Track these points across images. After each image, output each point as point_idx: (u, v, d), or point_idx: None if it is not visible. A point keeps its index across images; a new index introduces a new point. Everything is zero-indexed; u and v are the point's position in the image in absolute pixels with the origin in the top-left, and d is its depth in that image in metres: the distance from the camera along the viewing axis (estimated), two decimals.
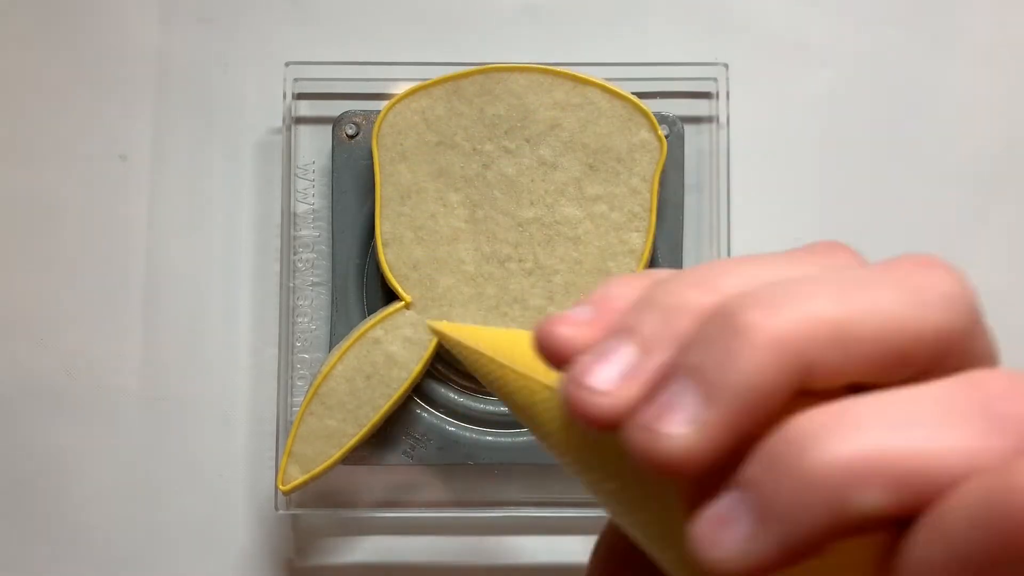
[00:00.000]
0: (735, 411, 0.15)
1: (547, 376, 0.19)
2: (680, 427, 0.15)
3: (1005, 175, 0.44)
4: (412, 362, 0.39)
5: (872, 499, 0.14)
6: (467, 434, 0.41)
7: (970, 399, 0.15)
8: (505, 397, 0.21)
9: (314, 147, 0.43)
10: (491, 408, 0.41)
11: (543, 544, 0.42)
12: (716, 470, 0.16)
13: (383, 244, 0.40)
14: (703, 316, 0.16)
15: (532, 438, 0.41)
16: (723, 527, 0.15)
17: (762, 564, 0.15)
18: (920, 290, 0.17)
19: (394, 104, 0.40)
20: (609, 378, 0.16)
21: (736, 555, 0.15)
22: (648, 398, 0.16)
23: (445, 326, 0.26)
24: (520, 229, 0.40)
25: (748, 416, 0.15)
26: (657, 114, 0.40)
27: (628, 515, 0.18)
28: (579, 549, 0.42)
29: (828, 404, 0.15)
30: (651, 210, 0.40)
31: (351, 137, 0.41)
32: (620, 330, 0.17)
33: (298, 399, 0.41)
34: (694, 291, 0.17)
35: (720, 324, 0.16)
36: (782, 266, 0.18)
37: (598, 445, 0.18)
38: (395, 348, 0.39)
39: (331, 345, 0.41)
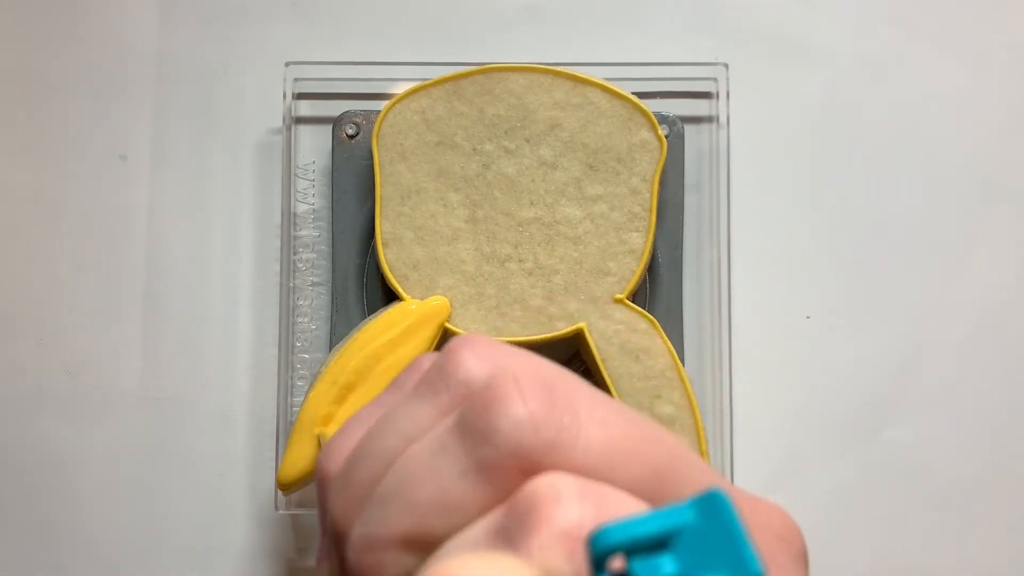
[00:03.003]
0: None
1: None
2: None
3: (1005, 175, 0.44)
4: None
5: None
6: None
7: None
8: None
9: (314, 147, 0.43)
10: None
11: None
12: None
13: (383, 244, 0.40)
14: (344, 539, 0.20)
15: None
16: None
17: None
18: (479, 451, 0.18)
19: (394, 104, 0.40)
20: None
21: None
22: None
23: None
24: (520, 229, 0.40)
25: None
26: (657, 114, 0.40)
27: None
28: None
29: None
30: (651, 210, 0.40)
31: (351, 137, 0.41)
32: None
33: (298, 399, 0.41)
34: (338, 513, 0.20)
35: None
36: (385, 435, 0.20)
37: None
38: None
39: (331, 345, 0.41)
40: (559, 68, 0.40)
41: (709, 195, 0.42)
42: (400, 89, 0.40)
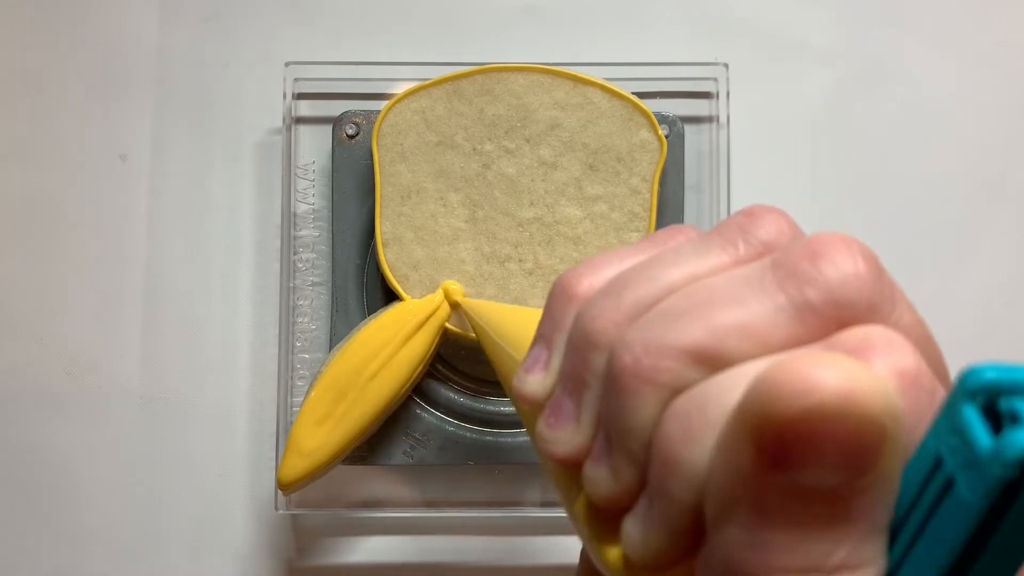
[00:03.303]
0: (632, 453, 0.19)
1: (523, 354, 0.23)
2: (603, 473, 0.20)
3: (1004, 174, 0.44)
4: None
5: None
6: (467, 434, 0.41)
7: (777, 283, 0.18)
8: (495, 366, 0.26)
9: (314, 147, 0.43)
10: (491, 408, 0.41)
11: (544, 544, 0.42)
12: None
13: (383, 244, 0.40)
14: (606, 348, 0.20)
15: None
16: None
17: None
18: (798, 291, 0.18)
19: (394, 104, 0.40)
20: (559, 439, 0.21)
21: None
22: (584, 447, 0.20)
23: (470, 303, 0.31)
24: (520, 229, 0.40)
25: (641, 445, 0.19)
26: (657, 114, 0.40)
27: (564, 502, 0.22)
28: (579, 549, 0.42)
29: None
30: (651, 210, 0.40)
31: (351, 137, 0.41)
32: (561, 383, 0.21)
33: (298, 399, 0.41)
34: (601, 321, 0.20)
35: (609, 379, 0.19)
36: (667, 265, 0.21)
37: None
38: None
39: (331, 345, 0.41)
40: (559, 68, 0.40)
41: (709, 195, 0.42)
42: (400, 89, 0.40)
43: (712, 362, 0.18)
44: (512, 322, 0.28)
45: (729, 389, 0.17)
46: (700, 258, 0.20)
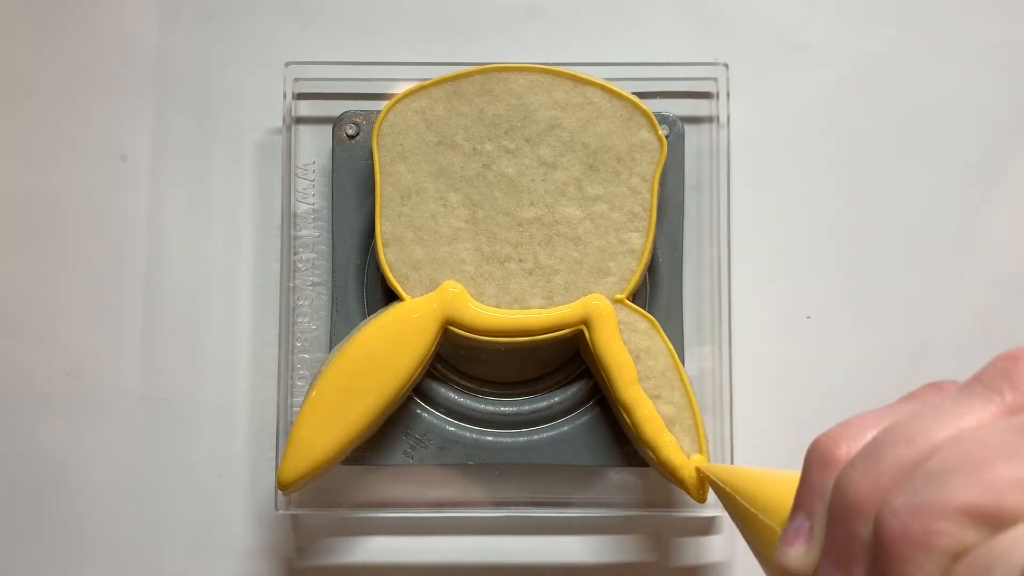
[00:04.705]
0: None
1: (776, 521, 0.24)
2: None
3: (1004, 174, 0.44)
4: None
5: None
6: (467, 434, 0.41)
7: None
8: (744, 531, 0.27)
9: (314, 147, 0.43)
10: (491, 408, 0.41)
11: (543, 544, 0.42)
12: None
13: (383, 244, 0.40)
14: (871, 516, 0.19)
15: (532, 438, 0.41)
16: None
17: None
18: None
19: (394, 104, 0.40)
20: None
21: None
22: None
23: (712, 468, 0.32)
24: (520, 229, 0.40)
25: None
26: (657, 114, 0.40)
27: None
28: (579, 549, 0.42)
29: None
30: (651, 210, 0.40)
31: (351, 137, 0.41)
32: (826, 556, 0.20)
33: (298, 399, 0.41)
34: (863, 487, 0.20)
35: (878, 548, 0.18)
36: (929, 422, 0.20)
37: None
38: None
39: (331, 345, 0.41)
40: (559, 68, 0.40)
41: (709, 195, 0.42)
42: (400, 89, 0.40)
43: (993, 521, 0.17)
44: (761, 485, 0.27)
45: (1018, 544, 0.17)
46: (964, 411, 0.19)
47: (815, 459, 0.21)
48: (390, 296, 0.40)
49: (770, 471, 0.29)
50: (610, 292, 0.40)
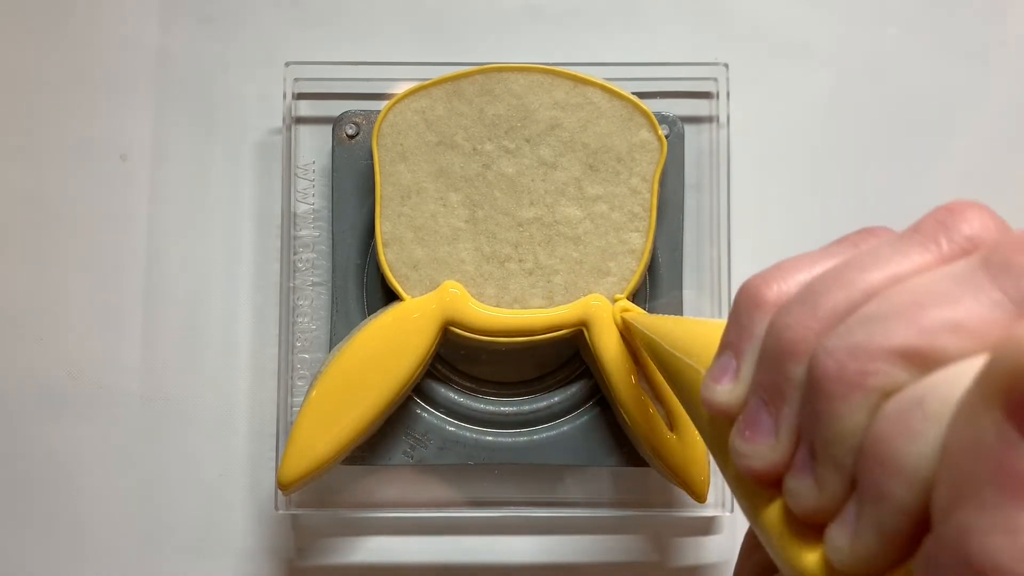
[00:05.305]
0: (840, 461, 0.19)
1: (704, 364, 0.24)
2: (808, 484, 0.19)
3: (1005, 174, 0.44)
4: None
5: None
6: (467, 434, 0.41)
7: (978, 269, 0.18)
8: (668, 377, 0.27)
9: (314, 147, 0.43)
10: (491, 408, 0.41)
11: (543, 544, 0.42)
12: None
13: (383, 244, 0.40)
14: (805, 358, 0.20)
15: (532, 438, 0.41)
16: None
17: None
18: (1015, 286, 0.18)
19: (394, 104, 0.40)
20: (757, 453, 0.21)
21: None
22: (783, 461, 0.20)
23: (636, 316, 0.31)
24: (520, 229, 0.40)
25: (849, 451, 0.18)
26: (657, 114, 0.40)
27: (741, 500, 0.22)
28: (579, 549, 0.42)
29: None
30: (651, 210, 0.40)
31: (351, 137, 0.41)
32: (755, 394, 0.21)
33: (298, 399, 0.41)
34: (798, 330, 0.20)
35: (812, 388, 0.19)
36: (865, 268, 0.20)
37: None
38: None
39: (331, 345, 0.41)
40: (559, 68, 0.40)
41: (709, 195, 0.42)
42: (400, 89, 0.40)
43: (925, 361, 0.18)
44: (687, 332, 0.27)
45: (949, 382, 0.17)
46: (900, 258, 0.20)
47: (745, 300, 0.22)
48: (390, 296, 0.40)
49: (697, 319, 0.29)
50: (610, 292, 0.40)
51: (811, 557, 0.19)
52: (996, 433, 0.15)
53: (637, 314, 0.36)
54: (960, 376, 0.17)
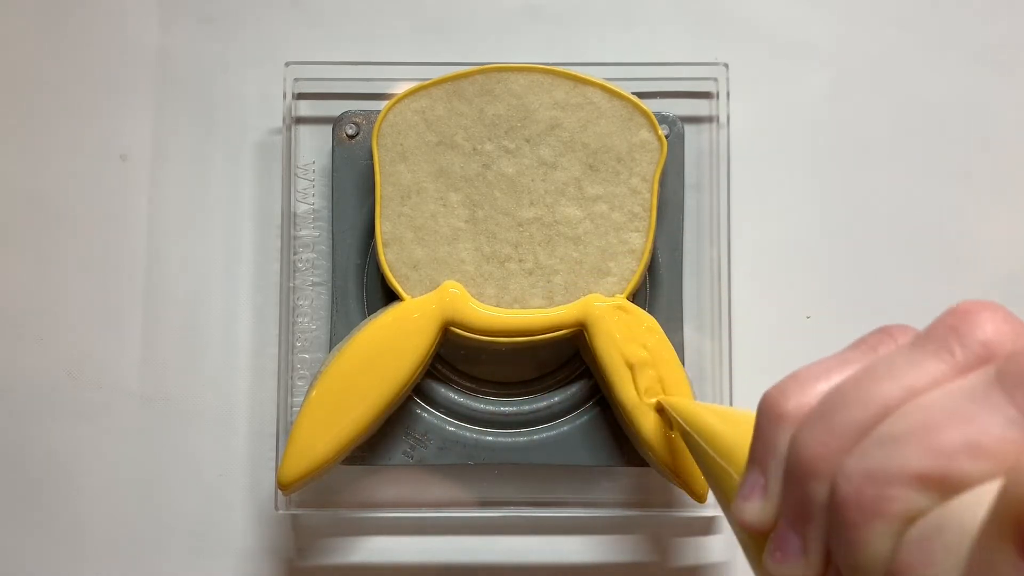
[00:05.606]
0: None
1: (736, 468, 0.24)
2: None
3: (1005, 174, 0.44)
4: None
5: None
6: (467, 434, 0.41)
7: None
8: (704, 471, 0.28)
9: (314, 147, 0.43)
10: (491, 408, 0.41)
11: (543, 544, 0.42)
12: None
13: (383, 244, 0.40)
14: (827, 478, 0.20)
15: (532, 438, 0.41)
16: None
17: None
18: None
19: (394, 104, 0.40)
20: (788, 573, 0.20)
21: None
22: None
23: (671, 401, 0.32)
24: (520, 229, 0.40)
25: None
26: (657, 114, 0.40)
27: None
28: (579, 549, 0.42)
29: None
30: (651, 210, 0.40)
31: (351, 137, 0.41)
32: (784, 514, 0.21)
33: (298, 399, 0.41)
34: (818, 448, 0.20)
35: (833, 512, 0.19)
36: (880, 380, 0.20)
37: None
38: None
39: (331, 345, 0.41)
40: (559, 68, 0.40)
41: (709, 195, 0.42)
42: (400, 89, 0.40)
43: (943, 486, 0.17)
44: (720, 426, 0.27)
45: (966, 509, 0.17)
46: (915, 369, 0.19)
47: (765, 413, 0.22)
48: (390, 296, 0.40)
49: (728, 409, 0.29)
50: (610, 292, 0.40)
51: None
52: (1010, 564, 0.15)
53: (676, 400, 0.36)
54: (977, 503, 0.17)
